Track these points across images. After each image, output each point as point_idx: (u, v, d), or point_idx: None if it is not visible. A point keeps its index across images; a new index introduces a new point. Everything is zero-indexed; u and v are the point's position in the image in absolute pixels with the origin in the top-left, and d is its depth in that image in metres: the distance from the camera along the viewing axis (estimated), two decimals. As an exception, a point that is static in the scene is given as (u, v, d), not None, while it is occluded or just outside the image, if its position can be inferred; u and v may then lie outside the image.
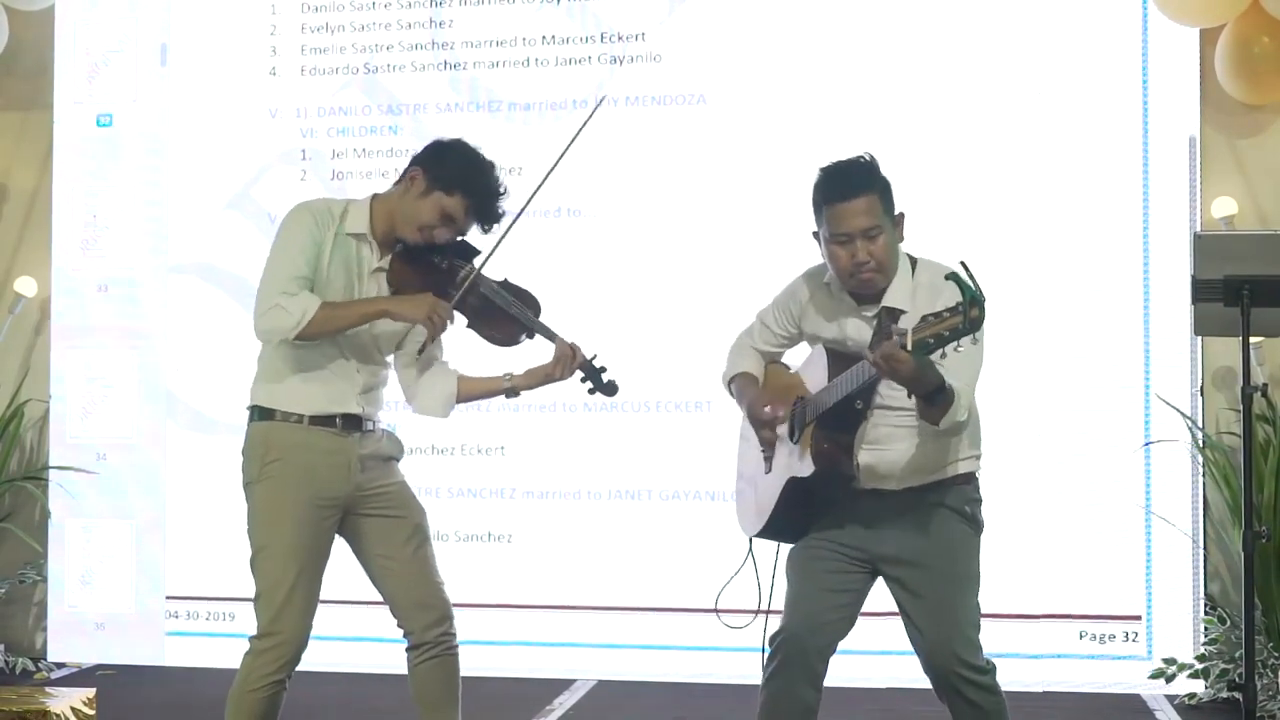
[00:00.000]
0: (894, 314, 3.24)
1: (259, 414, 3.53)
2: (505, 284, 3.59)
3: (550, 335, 3.60)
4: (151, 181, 5.88)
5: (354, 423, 3.51)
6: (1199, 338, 5.10)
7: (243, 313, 3.59)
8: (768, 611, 3.48)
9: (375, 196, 3.58)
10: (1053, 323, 5.26)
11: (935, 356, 2.90)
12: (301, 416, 3.48)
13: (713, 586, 3.70)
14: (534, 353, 3.66)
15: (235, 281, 5.55)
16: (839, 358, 3.29)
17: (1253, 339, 4.02)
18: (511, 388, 3.66)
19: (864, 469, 3.29)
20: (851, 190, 3.25)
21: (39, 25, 6.00)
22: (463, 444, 5.64)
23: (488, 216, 3.52)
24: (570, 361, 3.59)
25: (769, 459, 3.45)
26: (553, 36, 5.63)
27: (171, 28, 5.88)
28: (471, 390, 3.69)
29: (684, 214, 5.51)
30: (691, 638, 5.31)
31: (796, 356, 3.58)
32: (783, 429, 3.40)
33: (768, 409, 3.39)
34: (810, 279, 3.46)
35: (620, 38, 5.58)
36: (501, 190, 3.52)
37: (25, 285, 6.04)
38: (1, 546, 6.04)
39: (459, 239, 3.56)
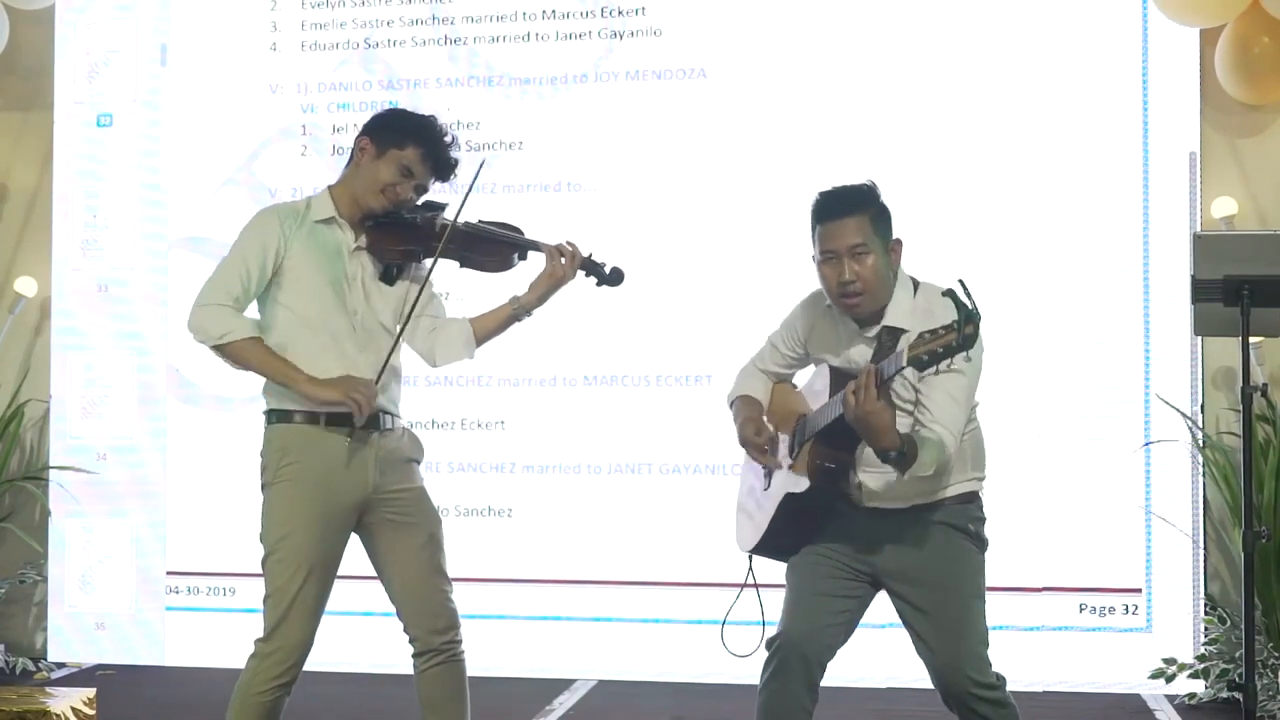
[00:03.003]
0: (895, 333, 3.25)
1: (276, 416, 3.51)
2: (481, 221, 3.64)
3: (540, 246, 3.62)
4: (152, 183, 5.88)
5: (372, 420, 3.48)
6: (1199, 338, 5.10)
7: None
8: (764, 626, 3.45)
9: (330, 186, 3.61)
10: (1053, 323, 5.26)
11: (929, 373, 2.95)
12: (318, 415, 3.46)
13: (713, 561, 3.65)
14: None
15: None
16: (842, 376, 3.29)
17: (1252, 339, 4.02)
18: (521, 307, 3.64)
19: (864, 490, 3.31)
20: (842, 210, 3.28)
21: (39, 25, 6.00)
22: (463, 418, 5.65)
23: (443, 165, 3.56)
24: (569, 256, 3.58)
25: (769, 476, 3.46)
26: (553, 11, 5.64)
27: (171, 28, 5.88)
28: (486, 326, 3.67)
29: (684, 189, 5.52)
30: (692, 611, 5.31)
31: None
32: (784, 447, 3.41)
33: (755, 433, 3.41)
34: (814, 303, 3.46)
35: (620, 12, 5.59)
36: (449, 138, 3.56)
37: (25, 285, 6.04)
38: (1, 546, 6.04)
39: (424, 200, 3.60)
